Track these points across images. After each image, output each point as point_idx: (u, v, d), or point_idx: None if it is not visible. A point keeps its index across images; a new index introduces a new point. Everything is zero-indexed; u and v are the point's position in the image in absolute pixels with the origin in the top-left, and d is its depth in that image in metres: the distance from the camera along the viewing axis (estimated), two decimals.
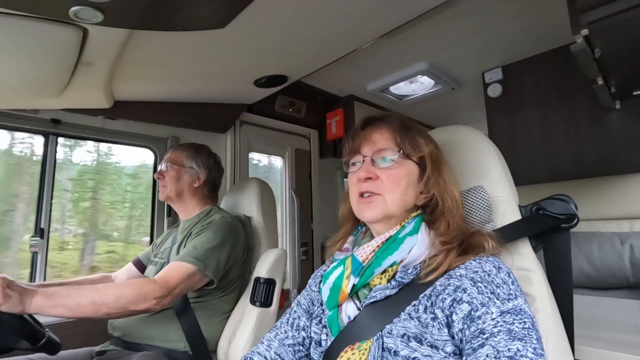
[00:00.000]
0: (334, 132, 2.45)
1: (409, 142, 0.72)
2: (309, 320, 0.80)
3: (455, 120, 2.91)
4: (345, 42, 1.33)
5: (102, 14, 0.81)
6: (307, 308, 0.82)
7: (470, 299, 0.58)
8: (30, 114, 1.46)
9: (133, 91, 1.48)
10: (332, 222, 2.68)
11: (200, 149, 1.47)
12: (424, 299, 0.63)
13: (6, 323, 0.83)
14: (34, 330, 0.88)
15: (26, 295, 0.87)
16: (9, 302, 0.83)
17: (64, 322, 1.37)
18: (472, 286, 0.59)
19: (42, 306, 0.89)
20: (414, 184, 0.71)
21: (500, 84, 2.04)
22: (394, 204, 0.70)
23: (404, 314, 0.63)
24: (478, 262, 0.63)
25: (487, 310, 0.56)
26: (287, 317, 0.83)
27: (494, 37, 1.76)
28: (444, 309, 0.59)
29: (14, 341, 0.86)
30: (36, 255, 1.47)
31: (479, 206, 0.75)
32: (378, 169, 0.71)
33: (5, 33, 0.87)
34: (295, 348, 0.78)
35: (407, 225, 0.70)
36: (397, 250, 0.67)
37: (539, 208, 0.74)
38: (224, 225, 1.28)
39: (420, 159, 0.72)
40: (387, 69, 2.09)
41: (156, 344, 1.16)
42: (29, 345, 0.87)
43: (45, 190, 1.52)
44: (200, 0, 0.88)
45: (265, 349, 0.79)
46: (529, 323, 0.55)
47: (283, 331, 0.80)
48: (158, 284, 1.05)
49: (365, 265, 0.68)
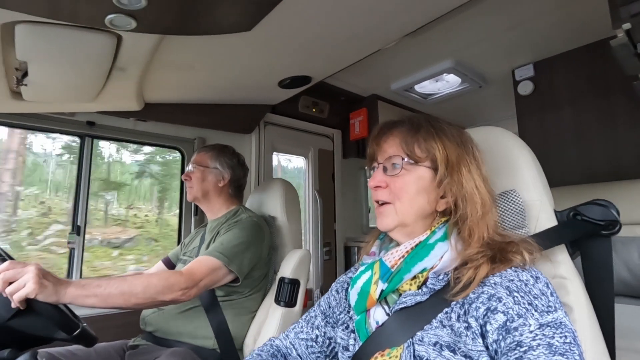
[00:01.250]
0: (357, 132, 2.43)
1: (418, 146, 0.68)
2: (324, 321, 0.82)
3: (482, 119, 2.82)
4: (369, 41, 1.31)
5: (135, 21, 0.84)
6: (324, 310, 0.84)
7: (506, 309, 0.55)
8: (68, 117, 1.54)
9: (162, 94, 1.53)
10: (355, 222, 2.67)
11: (224, 150, 1.49)
12: (456, 307, 0.60)
13: (42, 312, 0.87)
14: (69, 320, 0.92)
15: (60, 285, 0.91)
16: (44, 291, 0.87)
17: (98, 315, 1.44)
18: (507, 295, 0.56)
19: (76, 296, 0.92)
20: (426, 189, 0.68)
21: (532, 81, 1.96)
22: (403, 212, 0.68)
23: (435, 321, 0.61)
24: (514, 271, 0.60)
25: (524, 322, 0.53)
26: (307, 315, 0.87)
27: (525, 33, 1.70)
28: (478, 318, 0.57)
29: (51, 331, 0.90)
30: (73, 251, 1.55)
31: (511, 211, 0.73)
32: (388, 176, 0.70)
33: (47, 42, 0.92)
34: (307, 343, 0.81)
35: (438, 230, 0.67)
36: (428, 257, 0.65)
37: (576, 213, 0.71)
38: (250, 224, 1.30)
39: (433, 161, 0.68)
40: (411, 68, 2.05)
41: (185, 341, 1.20)
42: (66, 336, 0.90)
43: (82, 190, 1.60)
44: (228, 5, 0.89)
45: (283, 337, 0.85)
46: (570, 337, 0.52)
47: (300, 326, 0.85)
48: (184, 275, 1.08)
49: (394, 271, 0.66)
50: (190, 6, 0.84)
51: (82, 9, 0.80)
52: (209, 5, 0.86)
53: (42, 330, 0.90)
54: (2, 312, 0.86)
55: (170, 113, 1.66)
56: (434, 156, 0.68)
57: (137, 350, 1.22)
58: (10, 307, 0.86)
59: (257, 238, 1.28)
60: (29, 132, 1.68)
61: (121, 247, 1.97)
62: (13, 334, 0.88)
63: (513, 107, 2.05)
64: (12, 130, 1.65)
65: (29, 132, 1.68)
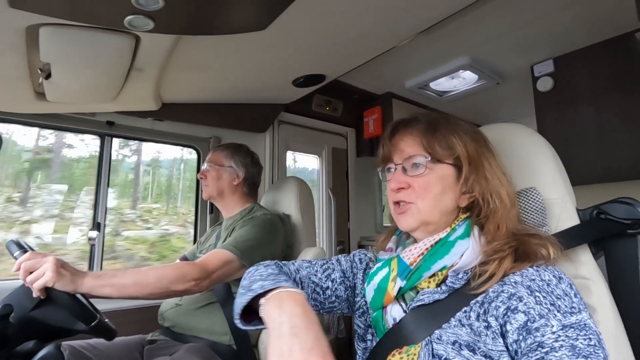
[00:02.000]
0: (371, 130, 2.42)
1: (439, 143, 0.67)
2: (341, 279, 0.78)
3: (500, 116, 2.77)
4: (384, 39, 1.30)
5: (153, 21, 0.86)
6: (344, 269, 0.80)
7: (527, 309, 0.53)
8: (88, 117, 1.58)
9: (179, 94, 1.56)
10: (368, 221, 2.66)
11: (239, 148, 1.51)
12: (475, 306, 0.59)
13: (60, 301, 0.90)
14: (86, 310, 0.94)
15: (77, 275, 0.94)
16: (62, 280, 0.90)
17: (117, 310, 1.47)
18: (528, 295, 0.55)
19: (92, 286, 0.95)
20: (451, 187, 0.67)
21: (551, 77, 1.91)
22: (427, 211, 0.67)
23: (454, 320, 0.60)
24: (536, 270, 0.58)
25: (546, 323, 0.52)
26: (323, 263, 0.81)
27: (544, 27, 1.65)
28: (498, 317, 0.56)
29: (71, 322, 0.92)
30: (94, 247, 1.59)
31: (531, 209, 0.71)
32: (409, 177, 0.69)
33: (69, 44, 0.95)
34: (316, 288, 0.77)
35: (458, 227, 0.66)
36: (448, 255, 0.64)
37: (600, 212, 0.68)
38: (264, 221, 1.31)
39: (456, 158, 0.67)
40: (426, 65, 2.03)
41: (202, 336, 1.22)
42: (85, 327, 0.93)
43: (102, 188, 1.64)
44: (242, 5, 0.90)
45: (294, 269, 0.77)
46: (594, 340, 0.50)
47: (314, 270, 0.79)
48: (197, 266, 1.09)
49: (413, 268, 0.65)
50: (205, 6, 0.85)
51: (102, 10, 0.82)
52: (224, 5, 0.87)
53: (62, 321, 0.92)
54: (26, 302, 0.90)
55: (186, 112, 1.69)
56: (456, 153, 0.67)
57: (155, 345, 1.24)
58: (32, 297, 0.90)
59: (270, 235, 1.29)
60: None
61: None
62: (37, 325, 0.91)
63: (531, 104, 2.00)
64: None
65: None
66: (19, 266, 0.90)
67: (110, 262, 1.81)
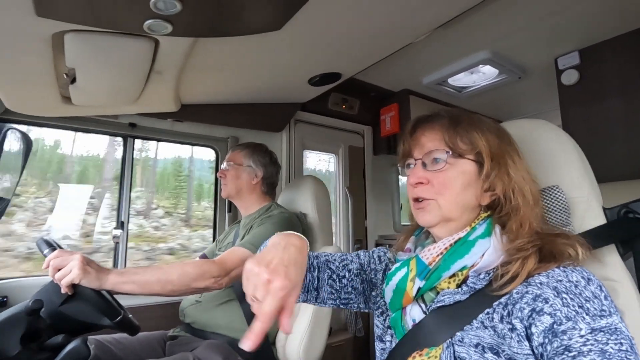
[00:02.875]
0: (388, 128, 2.39)
1: (461, 138, 0.66)
2: (358, 271, 0.78)
3: (521, 112, 2.68)
4: (400, 35, 1.28)
5: (171, 25, 0.88)
6: (363, 263, 0.80)
7: (553, 311, 0.51)
8: (111, 119, 1.64)
9: (197, 95, 1.59)
10: (386, 219, 2.64)
11: (257, 148, 1.53)
12: (498, 307, 0.57)
13: (86, 297, 0.94)
14: (111, 306, 0.98)
15: (102, 272, 0.98)
16: (87, 277, 0.94)
17: (140, 306, 1.52)
18: (555, 296, 0.52)
19: (116, 282, 0.98)
20: (471, 183, 0.66)
21: (577, 69, 1.83)
22: (448, 207, 0.66)
23: (476, 321, 0.58)
24: (562, 271, 0.56)
25: (574, 326, 0.50)
26: (341, 255, 0.82)
27: (569, 18, 1.59)
28: (522, 320, 0.54)
29: (97, 317, 0.96)
30: (118, 245, 1.65)
31: (554, 208, 0.68)
32: (429, 172, 0.67)
33: (92, 49, 0.98)
34: (332, 275, 0.76)
35: (478, 226, 0.65)
36: (468, 254, 0.62)
37: (628, 211, 0.65)
38: (282, 219, 1.32)
39: (477, 154, 0.66)
40: (444, 61, 1.98)
41: (222, 333, 1.24)
42: (110, 323, 0.96)
43: (125, 187, 1.69)
44: (258, 6, 0.91)
45: (314, 255, 0.78)
46: (627, 345, 0.48)
47: (333, 258, 0.80)
48: (216, 264, 1.12)
49: (432, 268, 0.64)
50: (221, 9, 0.86)
51: (122, 15, 0.85)
52: (239, 7, 0.88)
53: (89, 316, 0.96)
54: (55, 298, 0.94)
55: (204, 113, 1.72)
56: (478, 149, 0.66)
57: (176, 341, 1.28)
58: (61, 293, 0.94)
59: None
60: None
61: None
62: (65, 320, 0.95)
63: (555, 98, 1.92)
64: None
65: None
66: (48, 263, 0.94)
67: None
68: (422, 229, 0.78)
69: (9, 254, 1.65)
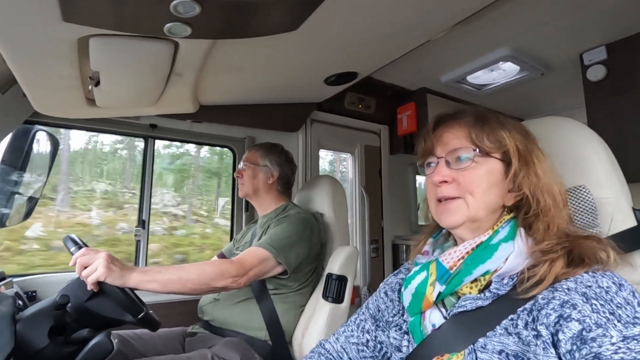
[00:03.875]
0: (405, 127, 2.37)
1: (487, 137, 0.64)
2: (374, 325, 0.80)
3: (544, 109, 2.60)
4: (417, 33, 1.26)
5: (190, 27, 0.90)
6: (373, 313, 0.81)
7: (582, 317, 0.49)
8: (133, 121, 1.68)
9: (215, 96, 1.61)
10: (403, 219, 2.61)
11: (273, 148, 1.54)
12: (523, 313, 0.55)
13: (110, 294, 0.97)
14: (134, 303, 1.01)
15: (126, 270, 1.00)
16: (112, 275, 0.96)
17: (160, 302, 1.56)
18: (584, 302, 0.50)
19: (139, 281, 1.01)
20: (497, 183, 0.64)
21: (604, 65, 1.76)
22: (475, 207, 0.63)
23: (499, 328, 0.56)
24: (592, 276, 0.53)
25: (604, 333, 0.47)
26: (356, 317, 0.85)
27: (595, 11, 1.53)
28: (549, 326, 0.51)
29: (120, 313, 0.99)
30: (139, 243, 1.69)
31: (580, 209, 0.66)
32: (454, 170, 0.65)
33: (115, 52, 1.01)
34: (359, 347, 0.79)
35: (501, 229, 0.62)
36: (491, 259, 0.60)
37: None
38: (298, 219, 1.33)
39: (504, 153, 0.64)
40: (463, 58, 1.94)
41: (239, 331, 1.26)
42: (132, 319, 0.99)
43: (146, 187, 1.74)
44: (273, 6, 0.91)
45: (334, 341, 0.83)
46: None
47: (350, 329, 0.83)
48: (235, 264, 1.13)
49: (453, 273, 0.62)
50: (238, 10, 0.87)
51: (144, 19, 0.87)
52: (256, 9, 0.89)
53: (112, 312, 0.99)
54: (81, 294, 0.97)
55: (222, 114, 1.74)
56: (505, 148, 0.64)
57: (195, 338, 1.30)
58: (86, 290, 0.97)
59: (305, 233, 1.30)
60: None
61: None
62: (90, 315, 0.98)
63: (580, 95, 1.86)
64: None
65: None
66: (75, 261, 0.98)
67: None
68: (441, 231, 0.76)
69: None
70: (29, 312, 0.93)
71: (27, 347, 0.87)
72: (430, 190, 0.70)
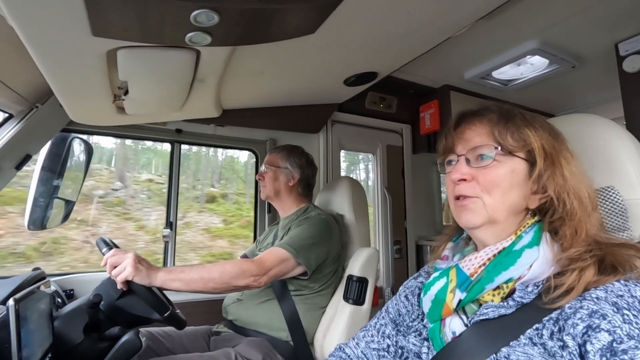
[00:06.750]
0: (428, 125, 2.32)
1: (511, 135, 0.62)
2: (395, 330, 0.78)
3: (576, 103, 2.48)
4: (439, 29, 1.24)
5: (210, 36, 0.92)
6: (393, 317, 0.80)
7: (612, 328, 0.46)
8: (160, 126, 1.75)
9: (237, 100, 1.65)
10: (426, 220, 2.57)
11: (294, 150, 1.55)
12: (549, 323, 0.53)
13: (138, 292, 1.02)
14: (160, 302, 1.05)
15: (152, 270, 1.05)
16: (139, 274, 1.01)
17: (187, 302, 1.61)
18: (614, 312, 0.47)
19: (164, 280, 1.05)
20: (520, 184, 0.61)
21: None
22: (493, 207, 0.61)
23: (523, 337, 0.54)
24: (624, 285, 0.50)
25: (637, 345, 0.44)
26: (376, 322, 0.83)
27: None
28: (576, 337, 0.49)
29: (148, 311, 1.04)
30: (168, 244, 1.76)
31: (609, 211, 0.63)
32: (474, 168, 0.63)
33: (141, 63, 1.06)
34: (379, 353, 0.78)
35: (525, 234, 0.60)
36: (514, 266, 0.57)
37: None
38: (319, 220, 1.34)
39: (529, 153, 0.61)
40: (487, 53, 1.88)
41: (262, 331, 1.28)
42: (159, 317, 1.04)
43: (173, 190, 1.80)
44: (290, 11, 0.92)
45: (354, 345, 0.82)
46: None
47: (370, 334, 0.82)
48: (255, 263, 1.16)
49: (474, 280, 0.60)
50: (256, 17, 0.89)
51: (166, 30, 0.90)
52: (273, 15, 0.90)
53: (141, 310, 1.04)
54: (112, 292, 1.03)
55: (244, 117, 1.78)
56: (530, 147, 0.61)
57: (220, 337, 1.34)
58: (117, 289, 1.02)
59: (325, 234, 1.31)
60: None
61: None
62: (121, 313, 1.04)
63: (616, 88, 1.75)
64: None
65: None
66: (106, 261, 1.03)
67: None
68: (461, 234, 0.74)
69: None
70: (65, 310, 1.00)
71: (65, 342, 0.93)
72: (449, 188, 0.68)
